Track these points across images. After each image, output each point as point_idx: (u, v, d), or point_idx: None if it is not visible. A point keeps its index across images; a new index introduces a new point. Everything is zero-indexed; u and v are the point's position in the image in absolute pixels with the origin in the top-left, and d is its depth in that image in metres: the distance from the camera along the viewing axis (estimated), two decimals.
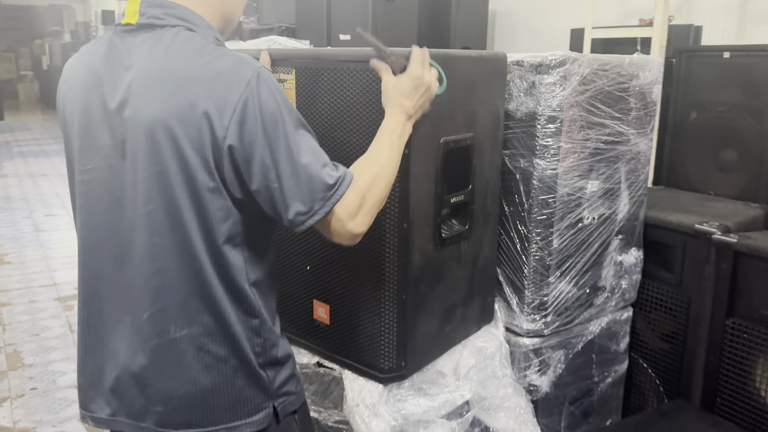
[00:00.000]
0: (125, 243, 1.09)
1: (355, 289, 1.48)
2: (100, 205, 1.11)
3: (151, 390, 1.13)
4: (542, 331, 1.71)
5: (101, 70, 1.10)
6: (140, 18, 1.08)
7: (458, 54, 1.52)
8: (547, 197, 1.62)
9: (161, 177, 1.03)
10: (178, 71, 1.03)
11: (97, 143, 1.10)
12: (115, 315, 1.14)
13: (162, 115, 1.01)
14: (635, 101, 1.78)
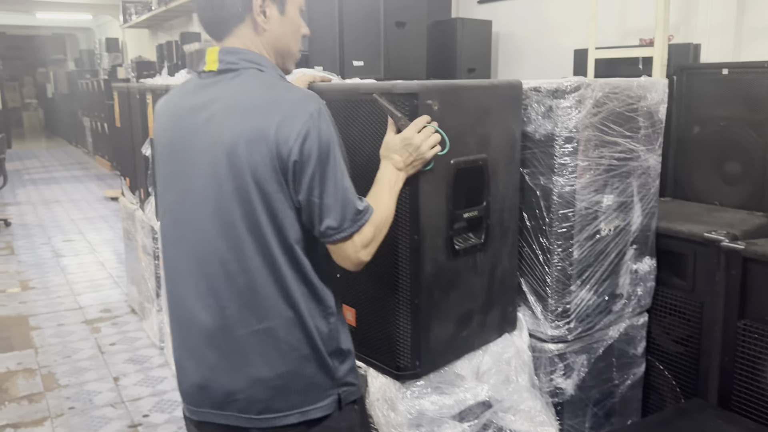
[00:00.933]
0: (215, 248, 1.25)
1: (376, 295, 1.64)
2: (193, 219, 1.28)
3: (234, 378, 1.27)
4: (566, 337, 1.83)
5: (188, 109, 1.30)
6: (219, 65, 1.28)
7: (467, 84, 1.69)
8: (567, 211, 1.75)
9: (240, 190, 1.21)
10: (253, 103, 1.22)
11: (186, 167, 1.28)
12: (205, 312, 1.29)
13: (239, 138, 1.19)
14: (643, 120, 1.92)
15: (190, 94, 1.32)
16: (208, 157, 1.23)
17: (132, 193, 3.89)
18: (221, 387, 1.28)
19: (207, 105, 1.26)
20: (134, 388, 3.13)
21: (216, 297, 1.27)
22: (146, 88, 3.26)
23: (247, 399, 1.27)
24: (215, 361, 1.28)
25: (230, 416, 1.30)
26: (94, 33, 17.36)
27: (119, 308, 4.23)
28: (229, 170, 1.21)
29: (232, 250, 1.24)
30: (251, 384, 1.27)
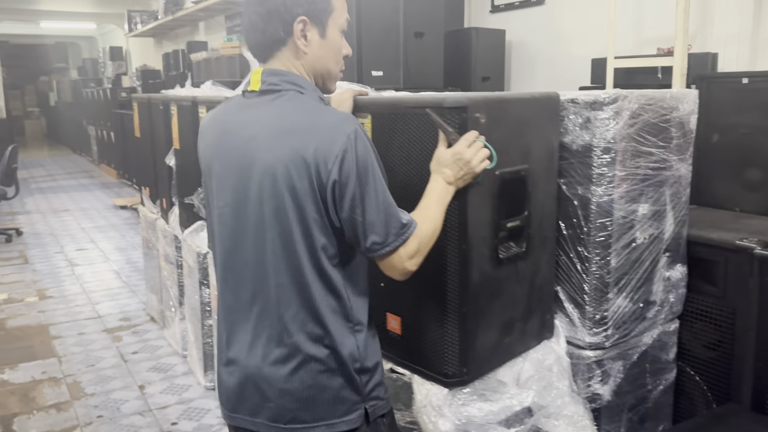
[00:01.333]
0: (254, 263, 1.32)
1: (422, 303, 1.67)
2: (233, 234, 1.35)
3: (265, 388, 1.32)
4: (603, 344, 1.87)
5: (232, 126, 1.37)
6: (262, 86, 1.34)
7: (511, 96, 1.72)
8: (605, 220, 1.79)
9: (278, 209, 1.27)
10: (292, 126, 1.27)
11: (228, 183, 1.35)
12: (242, 325, 1.36)
13: (280, 159, 1.25)
14: (675, 130, 1.96)
15: (234, 113, 1.38)
16: (250, 176, 1.29)
17: (152, 203, 3.92)
18: (254, 394, 1.35)
19: (249, 124, 1.32)
20: (160, 396, 3.16)
21: (254, 311, 1.34)
22: (170, 99, 3.30)
23: (277, 408, 1.32)
24: (253, 370, 1.34)
25: (261, 424, 1.34)
26: (97, 41, 17.42)
27: (138, 317, 4.25)
28: (270, 189, 1.26)
29: (269, 266, 1.30)
30: (281, 394, 1.31)
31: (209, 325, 3.16)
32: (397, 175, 1.65)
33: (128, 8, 11.81)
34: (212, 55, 7.85)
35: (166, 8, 9.50)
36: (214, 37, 9.38)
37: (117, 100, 10.67)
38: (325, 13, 1.33)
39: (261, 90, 1.34)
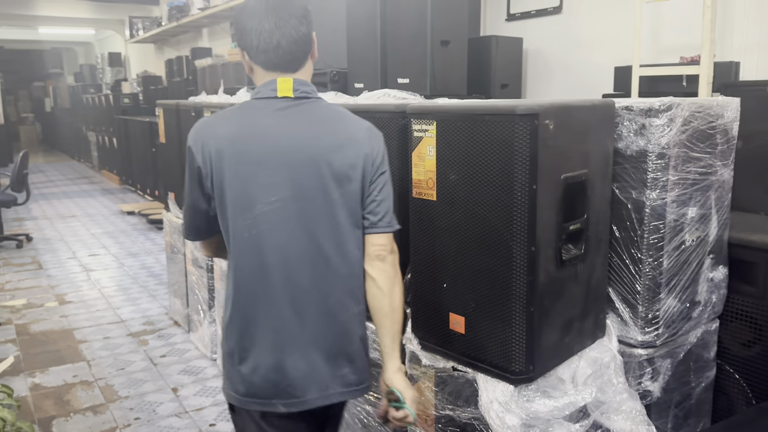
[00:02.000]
0: (314, 247, 1.50)
1: (487, 303, 1.73)
2: (279, 227, 1.48)
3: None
4: (654, 342, 1.94)
5: (273, 129, 1.50)
6: (296, 93, 1.52)
7: (576, 104, 1.79)
8: (658, 223, 1.86)
9: (348, 196, 1.51)
10: (337, 124, 1.54)
11: (276, 183, 1.48)
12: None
13: (331, 153, 1.49)
14: (720, 137, 2.04)
15: (272, 117, 1.51)
16: (314, 169, 1.48)
17: (179, 208, 3.96)
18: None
19: (301, 127, 1.50)
20: (195, 399, 3.19)
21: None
22: (203, 106, 3.35)
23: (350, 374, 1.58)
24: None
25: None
26: (93, 47, 17.40)
27: (161, 321, 4.28)
28: (331, 176, 1.49)
29: (327, 249, 1.51)
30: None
31: None
32: (464, 180, 1.71)
33: (129, 14, 11.84)
34: (217, 62, 7.90)
35: (170, 15, 9.54)
36: (218, 43, 9.43)
37: (119, 106, 10.68)
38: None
39: (296, 96, 1.52)
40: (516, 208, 1.61)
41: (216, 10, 8.07)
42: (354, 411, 2.33)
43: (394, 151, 2.03)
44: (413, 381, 1.99)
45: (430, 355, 1.92)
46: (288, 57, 1.51)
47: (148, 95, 10.51)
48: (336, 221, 1.50)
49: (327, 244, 1.49)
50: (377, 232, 1.54)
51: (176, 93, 9.00)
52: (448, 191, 1.77)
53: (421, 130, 1.83)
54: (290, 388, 1.50)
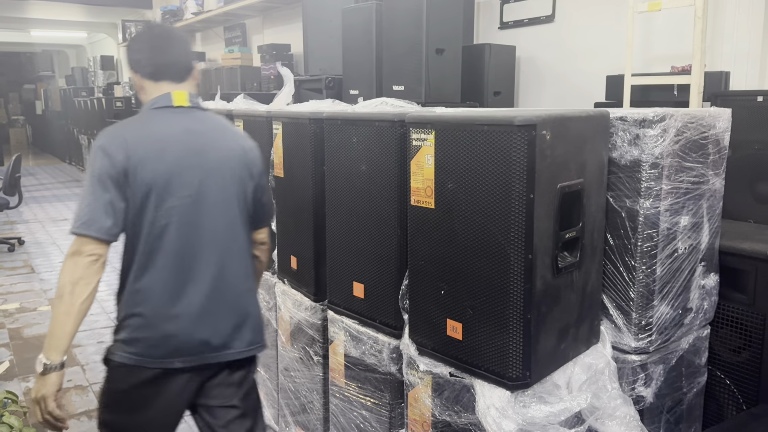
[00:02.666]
0: (214, 231, 1.82)
1: (485, 310, 1.76)
2: (193, 218, 1.78)
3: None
4: (648, 348, 1.97)
5: (175, 134, 1.79)
6: (190, 103, 1.85)
7: (573, 114, 1.82)
8: (652, 232, 1.90)
9: (232, 200, 1.86)
10: (228, 133, 1.90)
11: (186, 181, 1.77)
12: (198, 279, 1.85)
13: (228, 157, 1.85)
14: (712, 147, 2.08)
15: (171, 123, 1.81)
16: (215, 168, 1.82)
17: None
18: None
19: (199, 131, 1.83)
20: None
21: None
22: None
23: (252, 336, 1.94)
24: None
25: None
26: (85, 50, 17.34)
27: None
28: (232, 178, 1.85)
29: (222, 231, 1.85)
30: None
31: None
32: (462, 189, 1.74)
33: (122, 18, 11.82)
34: (211, 66, 7.93)
35: (163, 19, 9.54)
36: (212, 47, 9.45)
37: (111, 110, 10.66)
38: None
39: (190, 106, 1.85)
40: (513, 216, 1.64)
41: (210, 14, 8.09)
42: (350, 416, 2.35)
43: (393, 159, 2.06)
44: (410, 387, 2.02)
45: (427, 361, 1.95)
46: (174, 69, 1.84)
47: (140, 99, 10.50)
48: (233, 215, 1.87)
49: (225, 233, 1.85)
50: (262, 227, 2.04)
51: None
52: (446, 199, 1.80)
53: (420, 139, 1.86)
54: (200, 347, 1.80)
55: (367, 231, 2.20)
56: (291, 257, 2.63)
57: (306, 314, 2.55)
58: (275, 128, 2.62)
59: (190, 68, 1.87)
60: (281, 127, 2.59)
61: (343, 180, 2.28)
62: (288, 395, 2.77)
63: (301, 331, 2.60)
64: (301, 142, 2.48)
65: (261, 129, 2.80)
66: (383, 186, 2.11)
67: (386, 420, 2.20)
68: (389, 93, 3.83)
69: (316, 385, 2.57)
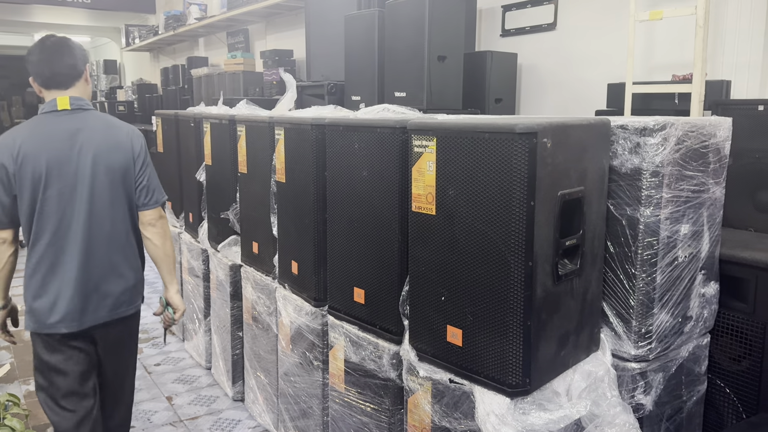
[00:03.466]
0: (83, 214, 2.18)
1: (485, 316, 1.76)
2: (68, 204, 2.16)
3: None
4: (647, 356, 1.97)
5: (56, 134, 2.16)
6: (72, 106, 2.19)
7: (574, 122, 1.83)
8: (652, 240, 1.91)
9: (107, 188, 2.21)
10: (106, 129, 2.24)
11: (63, 172, 2.15)
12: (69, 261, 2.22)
13: (104, 155, 2.20)
14: (713, 156, 2.09)
15: (56, 127, 2.17)
16: (88, 161, 2.17)
17: (176, 216, 3.98)
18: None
19: (77, 130, 2.17)
20: (189, 408, 3.20)
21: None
22: (203, 117, 3.38)
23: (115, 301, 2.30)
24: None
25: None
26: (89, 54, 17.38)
27: (155, 329, 4.28)
28: (109, 168, 2.21)
29: (98, 215, 2.21)
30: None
31: (239, 337, 3.22)
32: (463, 195, 1.75)
33: (126, 23, 11.87)
34: (213, 71, 7.94)
35: (167, 24, 9.58)
36: (215, 53, 9.47)
37: (114, 114, 10.69)
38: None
39: (72, 109, 2.19)
40: (514, 223, 1.65)
41: (213, 20, 8.12)
42: (350, 422, 2.35)
43: (394, 165, 2.07)
44: (410, 393, 2.02)
45: (427, 367, 1.95)
46: (59, 79, 2.19)
47: (143, 103, 10.52)
48: (108, 202, 2.22)
49: (101, 218, 2.20)
50: (147, 209, 2.31)
51: (171, 101, 9.03)
52: (448, 206, 1.81)
53: (422, 146, 1.87)
54: (92, 308, 2.22)
55: (368, 236, 2.21)
56: (292, 262, 2.64)
57: (306, 319, 2.56)
58: (277, 134, 2.64)
59: (77, 76, 2.24)
60: (283, 132, 2.61)
61: (345, 186, 2.29)
62: (288, 400, 2.77)
63: (302, 336, 2.61)
64: (303, 147, 2.50)
65: (263, 134, 2.81)
66: (384, 192, 2.12)
67: (386, 426, 2.21)
68: (391, 99, 3.84)
69: (315, 390, 2.57)
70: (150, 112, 9.56)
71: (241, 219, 3.09)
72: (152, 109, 9.58)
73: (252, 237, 2.98)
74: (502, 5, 4.77)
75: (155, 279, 5.40)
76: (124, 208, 2.26)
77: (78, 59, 2.24)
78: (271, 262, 2.82)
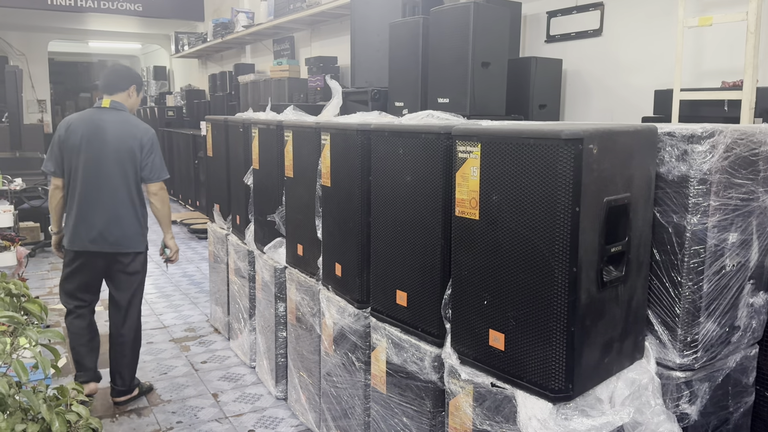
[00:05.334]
0: (106, 179, 3.18)
1: (528, 321, 1.77)
2: (95, 168, 3.17)
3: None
4: (693, 366, 1.95)
5: (94, 120, 3.20)
6: (111, 106, 3.24)
7: (620, 128, 1.83)
8: (699, 248, 1.89)
9: (124, 158, 3.18)
10: (126, 124, 3.24)
11: (91, 146, 3.16)
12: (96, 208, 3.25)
13: (121, 140, 3.18)
14: (762, 164, 2.06)
15: (96, 116, 3.22)
16: (112, 143, 3.15)
17: (223, 219, 4.09)
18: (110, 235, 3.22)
19: (107, 121, 3.18)
20: (234, 405, 3.29)
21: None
22: (252, 122, 3.48)
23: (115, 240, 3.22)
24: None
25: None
26: (139, 60, 17.94)
27: (202, 328, 4.40)
28: (114, 154, 3.16)
29: (113, 182, 3.17)
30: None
31: (283, 337, 3.29)
32: (506, 201, 1.77)
33: (175, 30, 12.21)
34: (260, 78, 8.11)
35: (215, 31, 9.82)
36: (261, 59, 9.67)
37: (163, 119, 11.01)
38: (141, 87, 3.39)
39: (111, 107, 3.23)
40: (558, 229, 1.66)
41: (260, 28, 8.30)
42: (391, 423, 2.39)
43: (438, 171, 2.10)
44: (451, 396, 2.05)
45: (469, 370, 1.97)
46: (106, 88, 3.29)
47: (191, 108, 10.81)
48: (121, 172, 3.17)
49: (122, 182, 3.17)
50: (151, 182, 3.25)
51: (219, 107, 9.25)
52: (491, 211, 1.83)
53: (466, 152, 1.90)
54: (99, 240, 3.18)
55: (411, 240, 2.25)
56: (336, 264, 2.69)
57: (349, 320, 2.61)
58: (323, 139, 2.70)
59: (119, 88, 3.28)
60: (329, 138, 2.67)
61: (389, 190, 2.33)
62: (330, 400, 2.82)
63: (344, 337, 2.66)
64: (349, 152, 2.55)
65: (310, 139, 2.88)
66: (428, 197, 2.15)
67: (427, 428, 2.23)
68: (434, 105, 3.87)
69: (357, 390, 2.61)
70: (198, 118, 9.83)
71: (287, 222, 3.16)
72: (200, 114, 9.83)
73: (297, 239, 3.05)
74: (547, 11, 4.76)
75: (202, 279, 5.54)
76: (128, 180, 3.18)
77: (123, 79, 3.31)
78: (315, 264, 2.88)
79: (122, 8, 11.14)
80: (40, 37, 13.86)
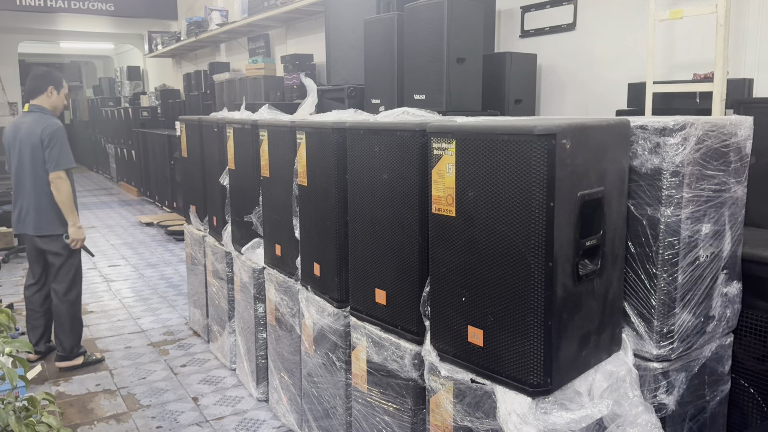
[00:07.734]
0: (27, 174, 3.74)
1: (506, 316, 1.78)
2: (19, 161, 3.76)
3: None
4: (669, 356, 1.97)
5: (17, 125, 3.79)
6: (29, 109, 3.79)
7: (593, 123, 1.84)
8: (673, 239, 1.91)
9: (32, 157, 3.71)
10: (36, 123, 3.71)
11: (15, 145, 3.76)
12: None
13: (30, 138, 3.69)
14: (733, 155, 2.08)
15: (18, 120, 3.80)
16: (26, 141, 3.68)
17: (200, 220, 4.04)
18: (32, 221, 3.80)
19: (24, 122, 3.71)
20: (215, 408, 3.26)
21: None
22: (226, 122, 3.44)
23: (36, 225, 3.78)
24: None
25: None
26: (112, 61, 17.68)
27: (181, 331, 4.36)
28: (31, 146, 3.68)
29: (30, 173, 3.72)
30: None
31: (263, 338, 3.27)
32: (482, 197, 1.77)
33: (148, 29, 12.05)
34: (235, 76, 8.03)
35: (189, 30, 9.72)
36: (236, 58, 9.59)
37: (138, 119, 10.86)
38: (59, 85, 3.87)
39: (29, 111, 3.76)
40: (533, 224, 1.66)
41: (234, 26, 8.23)
42: (373, 421, 2.38)
43: (414, 168, 2.09)
44: (432, 393, 2.05)
45: (448, 367, 1.97)
46: (35, 88, 3.80)
47: (166, 108, 10.69)
48: (33, 163, 3.65)
49: (35, 173, 3.66)
50: (50, 171, 3.64)
51: (194, 106, 9.16)
52: (467, 208, 1.83)
53: (441, 149, 1.90)
54: (25, 224, 3.76)
55: (388, 239, 2.24)
56: (314, 264, 2.68)
57: (329, 320, 2.59)
58: (299, 138, 2.68)
59: (39, 91, 3.77)
60: (305, 136, 2.65)
61: (366, 188, 2.32)
62: (311, 400, 2.81)
63: (324, 337, 2.64)
64: (325, 151, 2.53)
65: (285, 138, 2.85)
66: (404, 194, 2.15)
67: (408, 425, 2.23)
68: (410, 102, 3.87)
69: (338, 390, 2.60)
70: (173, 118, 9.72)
71: (264, 222, 3.14)
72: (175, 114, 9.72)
73: (275, 240, 3.03)
74: (521, 6, 4.78)
75: (180, 282, 5.50)
76: (41, 171, 3.67)
77: (41, 82, 3.78)
78: (293, 264, 2.86)
79: (93, 8, 10.96)
80: (9, 39, 13.60)
